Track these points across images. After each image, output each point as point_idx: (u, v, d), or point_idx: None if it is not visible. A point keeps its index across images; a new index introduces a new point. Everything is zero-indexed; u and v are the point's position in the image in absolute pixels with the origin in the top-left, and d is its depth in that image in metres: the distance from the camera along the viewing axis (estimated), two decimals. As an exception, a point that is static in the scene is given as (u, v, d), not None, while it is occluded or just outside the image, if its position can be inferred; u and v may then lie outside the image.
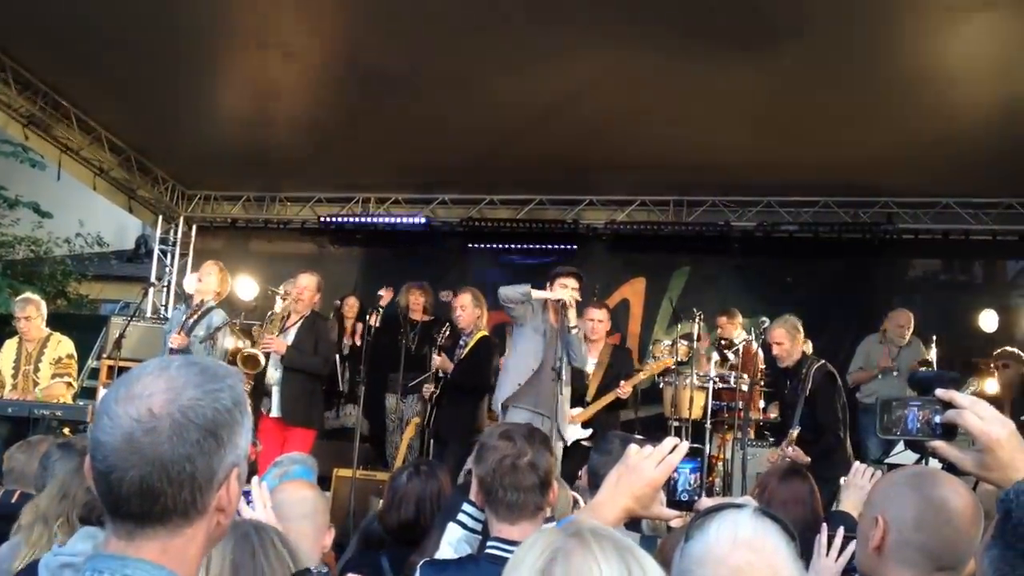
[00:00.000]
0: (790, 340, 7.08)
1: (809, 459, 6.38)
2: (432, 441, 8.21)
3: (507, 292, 7.07)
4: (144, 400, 1.38)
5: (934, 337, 8.85)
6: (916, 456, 6.27)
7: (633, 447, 2.09)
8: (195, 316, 7.59)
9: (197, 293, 7.88)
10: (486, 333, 8.21)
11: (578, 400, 7.85)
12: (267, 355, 7.60)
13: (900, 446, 7.46)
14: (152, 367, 1.44)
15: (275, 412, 7.55)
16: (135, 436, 1.36)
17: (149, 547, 1.40)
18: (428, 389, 8.27)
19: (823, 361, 7.04)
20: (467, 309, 8.04)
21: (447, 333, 8.43)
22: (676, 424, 9.02)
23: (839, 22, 6.99)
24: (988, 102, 7.98)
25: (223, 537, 1.51)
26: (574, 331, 7.00)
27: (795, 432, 6.69)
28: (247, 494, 2.75)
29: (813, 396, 6.80)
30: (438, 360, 8.20)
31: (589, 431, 7.65)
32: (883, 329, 9.16)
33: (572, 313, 6.98)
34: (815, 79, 7.83)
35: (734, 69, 7.72)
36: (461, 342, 8.14)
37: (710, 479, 8.31)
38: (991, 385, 8.47)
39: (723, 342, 9.46)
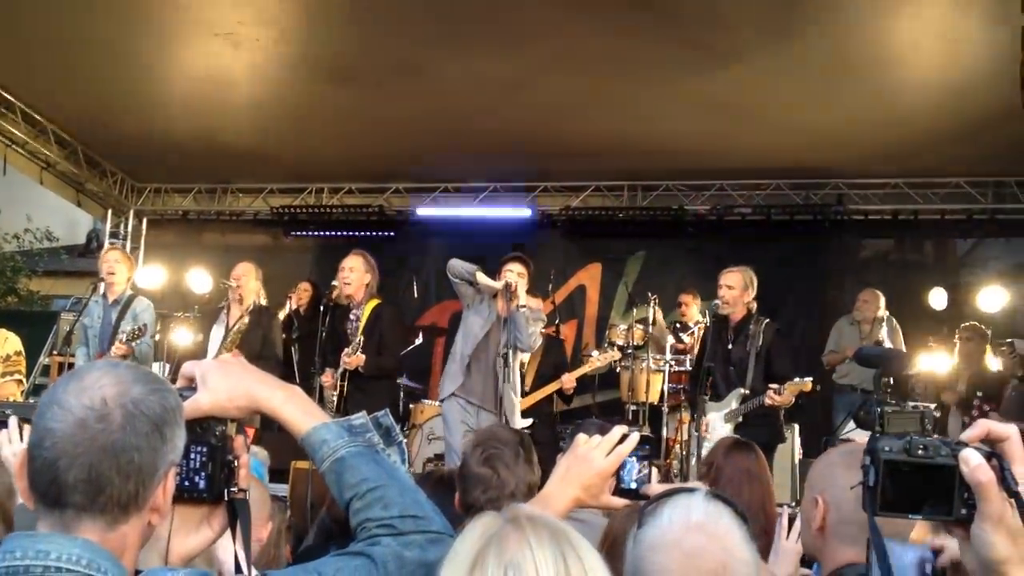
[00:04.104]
0: (740, 288, 6.87)
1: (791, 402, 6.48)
2: None
3: (456, 265, 6.79)
4: (97, 390, 1.42)
5: (885, 316, 8.96)
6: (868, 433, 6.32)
7: (581, 436, 2.09)
8: (122, 315, 7.46)
9: (111, 289, 7.69)
10: (379, 300, 7.31)
11: None
12: None
13: (852, 424, 7.54)
14: (100, 365, 1.49)
15: None
16: (88, 423, 1.39)
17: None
18: (329, 380, 7.16)
19: (768, 319, 6.93)
20: (356, 272, 7.17)
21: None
22: (633, 408, 9.08)
23: (787, 7, 7.04)
24: (934, 83, 8.07)
25: (149, 539, 1.53)
26: (522, 309, 6.61)
27: (742, 391, 6.70)
28: None
29: (767, 351, 6.75)
30: (349, 361, 7.03)
31: (529, 420, 7.50)
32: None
33: (521, 290, 6.65)
34: (764, 63, 7.87)
35: (684, 55, 7.75)
36: (352, 315, 7.23)
37: (667, 462, 8.36)
38: (941, 362, 8.59)
39: (678, 325, 9.53)
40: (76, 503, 1.40)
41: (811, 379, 6.63)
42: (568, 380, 7.96)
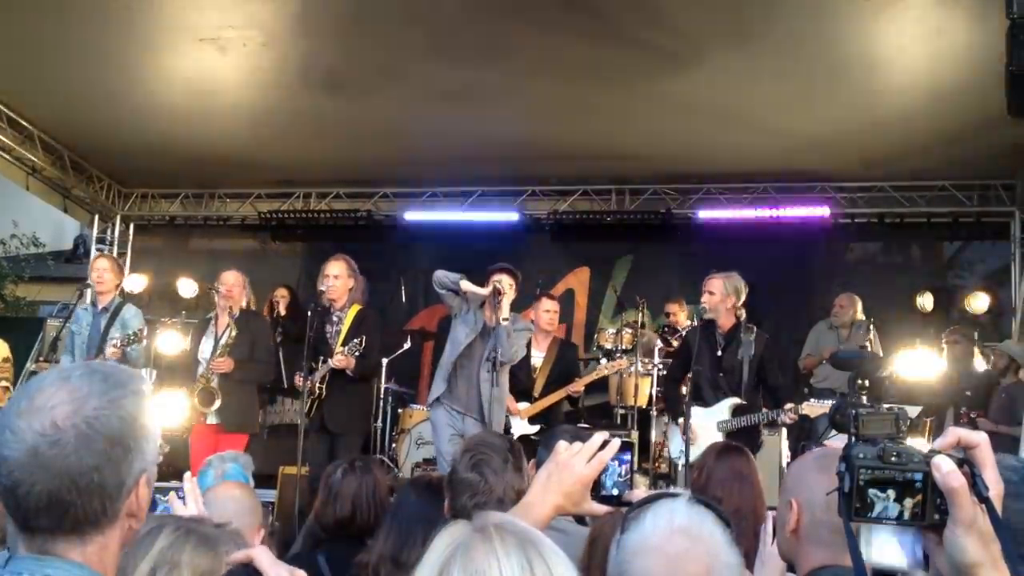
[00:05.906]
0: (721, 294, 6.78)
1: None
2: (316, 435, 7.05)
3: (440, 275, 6.74)
4: (47, 412, 1.37)
5: (871, 320, 9.00)
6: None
7: (562, 443, 2.08)
8: (111, 322, 7.45)
9: (101, 297, 7.62)
10: (361, 306, 7.31)
11: (524, 395, 7.80)
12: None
13: (834, 432, 7.56)
14: (53, 377, 1.44)
15: (211, 419, 7.21)
16: (40, 450, 1.35)
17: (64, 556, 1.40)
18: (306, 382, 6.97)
19: (757, 328, 6.86)
20: (341, 279, 7.12)
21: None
22: (622, 412, 9.09)
23: (772, 12, 7.06)
24: (920, 86, 8.09)
25: (133, 540, 1.52)
26: (504, 323, 6.49)
27: (735, 401, 6.68)
28: (177, 490, 2.76)
29: (759, 361, 6.71)
30: (340, 360, 6.93)
31: (537, 427, 7.59)
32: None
33: (505, 303, 6.51)
34: (751, 67, 7.89)
35: (670, 59, 7.77)
36: (335, 318, 7.20)
37: (656, 466, 8.37)
38: (927, 364, 8.61)
39: (667, 328, 9.55)
40: (43, 526, 1.38)
41: (833, 403, 6.71)
42: (577, 386, 7.96)
